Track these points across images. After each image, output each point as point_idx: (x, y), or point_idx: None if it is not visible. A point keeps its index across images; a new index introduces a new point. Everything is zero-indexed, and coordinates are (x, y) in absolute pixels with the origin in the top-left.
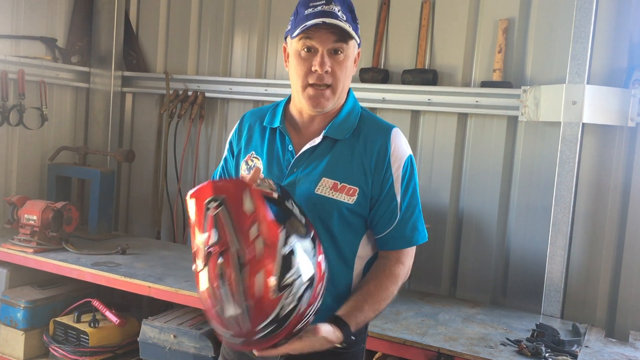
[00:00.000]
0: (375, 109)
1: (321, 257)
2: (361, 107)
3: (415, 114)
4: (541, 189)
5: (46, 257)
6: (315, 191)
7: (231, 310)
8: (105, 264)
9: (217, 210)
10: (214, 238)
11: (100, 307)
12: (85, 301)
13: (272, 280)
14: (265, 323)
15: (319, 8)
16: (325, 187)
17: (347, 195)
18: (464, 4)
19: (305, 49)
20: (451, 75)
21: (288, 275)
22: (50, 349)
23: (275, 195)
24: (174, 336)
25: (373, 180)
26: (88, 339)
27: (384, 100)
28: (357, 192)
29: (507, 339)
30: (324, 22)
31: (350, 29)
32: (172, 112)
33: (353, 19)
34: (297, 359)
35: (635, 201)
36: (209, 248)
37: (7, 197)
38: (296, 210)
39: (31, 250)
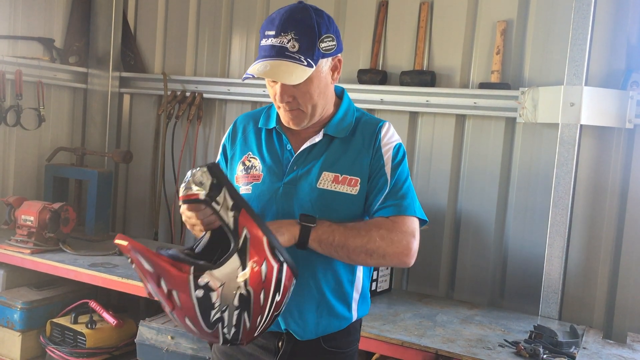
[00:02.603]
0: (374, 110)
1: (253, 263)
2: (355, 107)
3: (414, 115)
4: (539, 191)
5: (43, 258)
6: (317, 185)
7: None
8: (102, 264)
9: (133, 267)
10: (146, 287)
11: (98, 308)
12: (83, 302)
13: (200, 322)
14: (220, 342)
15: (269, 42)
16: (326, 181)
17: (349, 187)
18: (462, 6)
19: None
20: (449, 76)
21: (213, 313)
22: (47, 350)
23: (202, 195)
24: (172, 337)
25: (370, 167)
26: (85, 340)
27: (382, 102)
28: (359, 182)
29: (505, 340)
30: (254, 75)
31: (297, 65)
32: (170, 113)
33: (310, 42)
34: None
35: (632, 202)
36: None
37: (4, 197)
38: (224, 208)
39: (28, 251)
